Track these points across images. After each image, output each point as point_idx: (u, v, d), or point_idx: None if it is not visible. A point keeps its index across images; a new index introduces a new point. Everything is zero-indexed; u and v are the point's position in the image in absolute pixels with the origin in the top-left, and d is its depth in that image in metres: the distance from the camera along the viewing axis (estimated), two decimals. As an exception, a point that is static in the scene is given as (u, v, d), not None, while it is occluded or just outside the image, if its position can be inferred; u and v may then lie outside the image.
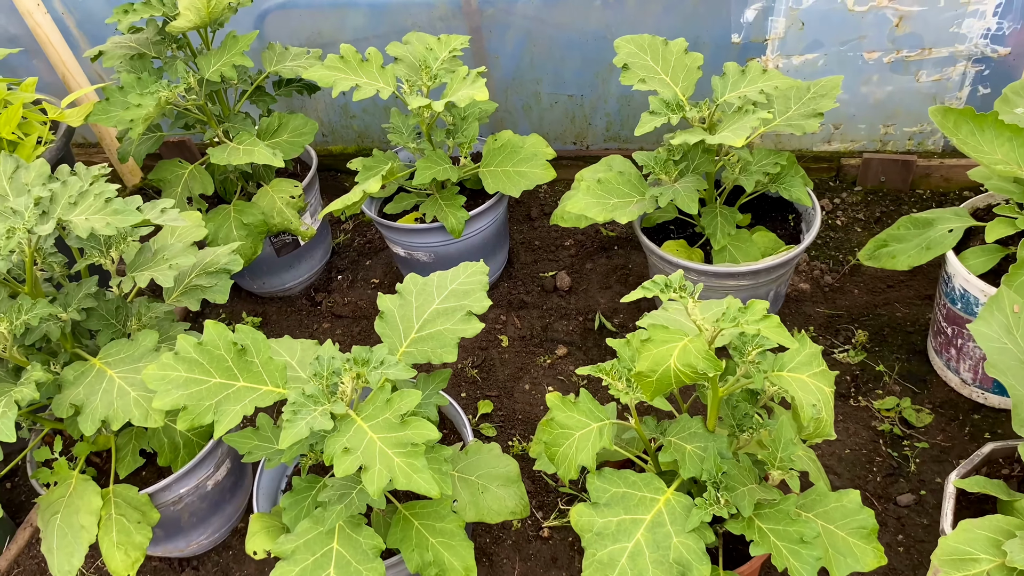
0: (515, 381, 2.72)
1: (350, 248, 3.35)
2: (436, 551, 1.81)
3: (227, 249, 2.15)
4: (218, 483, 2.24)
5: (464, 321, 1.89)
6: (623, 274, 3.01)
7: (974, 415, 2.39)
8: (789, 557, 1.52)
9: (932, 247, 2.29)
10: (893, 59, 2.82)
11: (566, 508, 2.36)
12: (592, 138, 3.33)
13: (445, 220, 2.63)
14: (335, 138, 3.59)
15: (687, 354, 1.40)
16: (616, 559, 1.55)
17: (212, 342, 1.76)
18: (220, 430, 1.70)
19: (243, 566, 2.36)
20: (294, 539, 1.76)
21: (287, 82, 2.99)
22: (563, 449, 1.67)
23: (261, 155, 2.55)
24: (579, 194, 2.37)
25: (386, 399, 1.66)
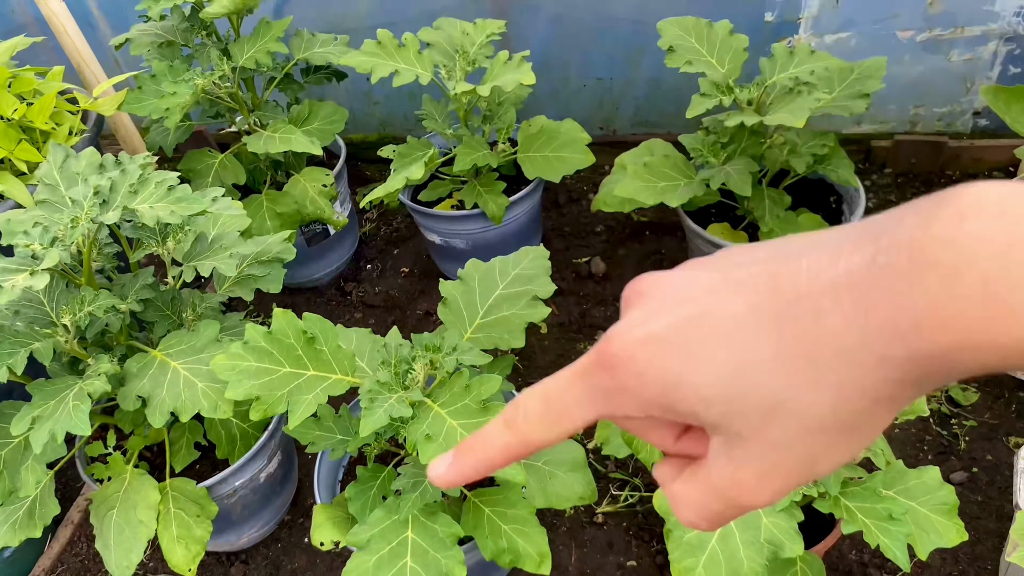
0: (556, 368, 2.68)
1: (377, 237, 3.32)
2: (509, 538, 1.79)
3: (279, 238, 2.12)
4: (270, 475, 2.21)
5: (530, 306, 1.87)
6: (657, 259, 3.00)
7: (1020, 392, 2.41)
8: (879, 534, 1.52)
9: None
10: (926, 38, 2.82)
11: (618, 493, 2.35)
12: (620, 123, 3.31)
13: (485, 206, 2.61)
14: (356, 126, 3.55)
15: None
16: (706, 540, 1.55)
17: (281, 331, 1.73)
18: (294, 420, 1.67)
19: (292, 558, 2.33)
20: (368, 528, 1.74)
21: (315, 69, 2.94)
22: (643, 432, 1.65)
23: (299, 143, 2.51)
24: (627, 178, 2.36)
25: (464, 385, 1.64)
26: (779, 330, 0.38)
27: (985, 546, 2.10)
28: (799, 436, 0.40)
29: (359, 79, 3.37)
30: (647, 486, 2.35)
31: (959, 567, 2.07)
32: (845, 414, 0.39)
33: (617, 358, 0.43)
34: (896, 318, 0.35)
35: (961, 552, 2.10)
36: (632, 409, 0.45)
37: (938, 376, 0.36)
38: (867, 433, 0.41)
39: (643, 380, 0.43)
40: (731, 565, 1.52)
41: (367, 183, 3.54)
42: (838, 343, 0.37)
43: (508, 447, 0.50)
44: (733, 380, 0.40)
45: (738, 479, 0.43)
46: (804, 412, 0.39)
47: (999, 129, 3.03)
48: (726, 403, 0.40)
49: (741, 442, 0.41)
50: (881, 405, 0.39)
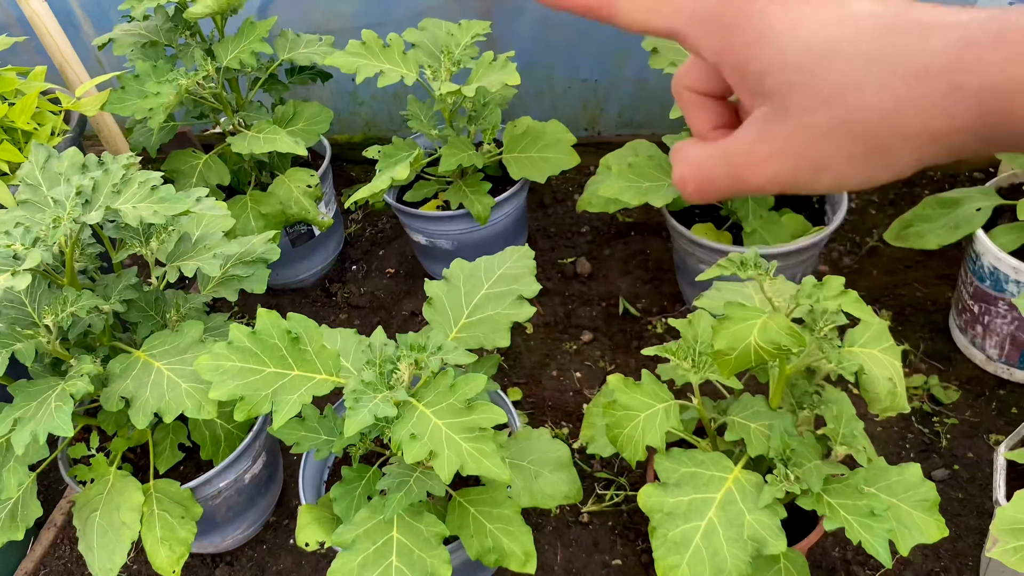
0: (542, 368, 2.71)
1: (362, 238, 3.31)
2: (495, 537, 1.80)
3: (263, 238, 2.11)
4: (255, 476, 2.21)
5: (516, 305, 1.88)
6: (642, 260, 3.01)
7: (1000, 391, 2.44)
8: (861, 531, 1.53)
9: (960, 226, 2.32)
10: (907, 42, 2.85)
11: (603, 493, 2.36)
12: (605, 124, 3.33)
13: (471, 207, 2.61)
14: (342, 127, 3.54)
15: (768, 331, 1.40)
16: (690, 538, 1.56)
17: (266, 331, 1.73)
18: (279, 420, 1.67)
19: (277, 560, 2.33)
20: (353, 528, 1.74)
21: (300, 70, 2.94)
22: (628, 431, 1.66)
23: (284, 144, 2.50)
24: (612, 179, 2.37)
25: (449, 384, 1.64)
26: (884, 35, 0.41)
27: (966, 542, 2.12)
28: (836, 130, 0.43)
29: (344, 80, 3.37)
30: (632, 485, 2.36)
31: (940, 563, 2.09)
32: (890, 129, 0.42)
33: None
34: (982, 61, 0.39)
35: (942, 548, 2.12)
36: (715, 47, 0.47)
37: (996, 127, 0.40)
38: (892, 165, 0.44)
39: (747, 22, 0.45)
40: (715, 562, 1.53)
41: (352, 184, 3.53)
42: (927, 61, 0.40)
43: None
44: (819, 58, 0.42)
45: (754, 149, 0.46)
46: (858, 108, 0.42)
47: (979, 130, 3.06)
48: (799, 73, 0.43)
49: (783, 115, 0.44)
50: (924, 139, 0.42)
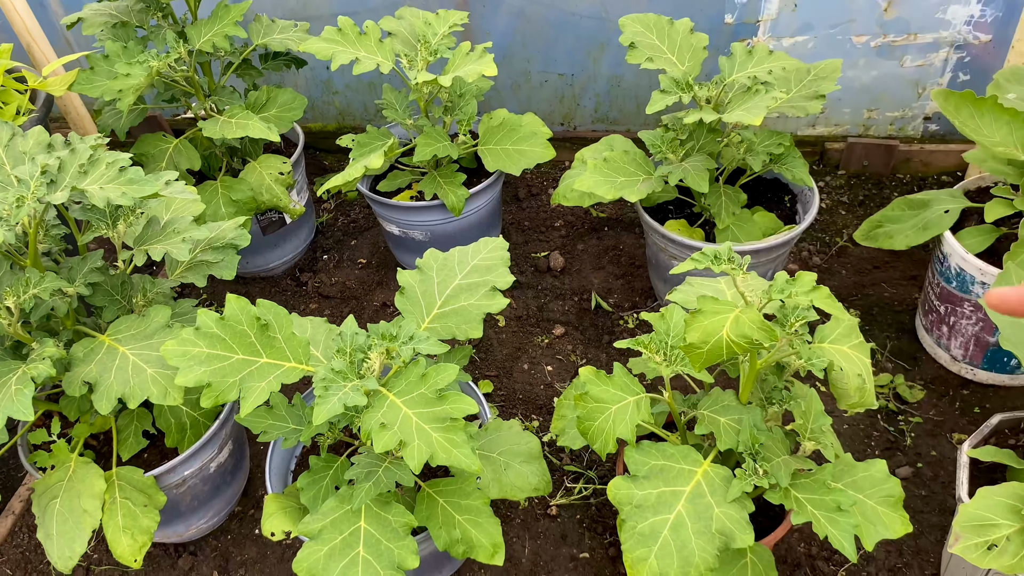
0: (513, 361, 2.70)
1: (334, 227, 3.28)
2: (463, 528, 1.79)
3: (233, 224, 2.08)
4: (220, 465, 2.18)
5: (489, 296, 1.87)
6: (615, 255, 3.02)
7: (963, 390, 2.47)
8: (827, 525, 1.54)
9: (929, 227, 2.35)
10: (880, 43, 2.88)
11: (572, 486, 2.36)
12: (580, 119, 3.33)
13: (445, 198, 2.60)
14: (315, 115, 3.51)
15: (740, 325, 1.41)
16: (658, 530, 1.56)
17: (234, 317, 1.70)
18: (246, 408, 1.65)
19: (242, 550, 2.30)
20: (320, 518, 1.72)
21: (274, 55, 2.90)
22: (599, 423, 1.66)
23: (256, 129, 2.47)
24: (586, 172, 2.36)
25: (420, 374, 1.63)
26: None
27: (928, 539, 2.15)
28: None
29: (319, 68, 3.33)
30: (601, 479, 2.36)
31: (903, 559, 2.12)
32: None
33: None
34: None
35: (905, 545, 2.14)
36: None
37: None
38: None
39: None
40: (683, 555, 1.53)
41: (325, 172, 3.50)
42: None
43: None
44: None
45: None
46: None
47: (948, 134, 3.11)
48: None
49: None
50: None
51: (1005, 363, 2.38)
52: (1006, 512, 1.67)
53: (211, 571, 2.26)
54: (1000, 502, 1.69)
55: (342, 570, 1.66)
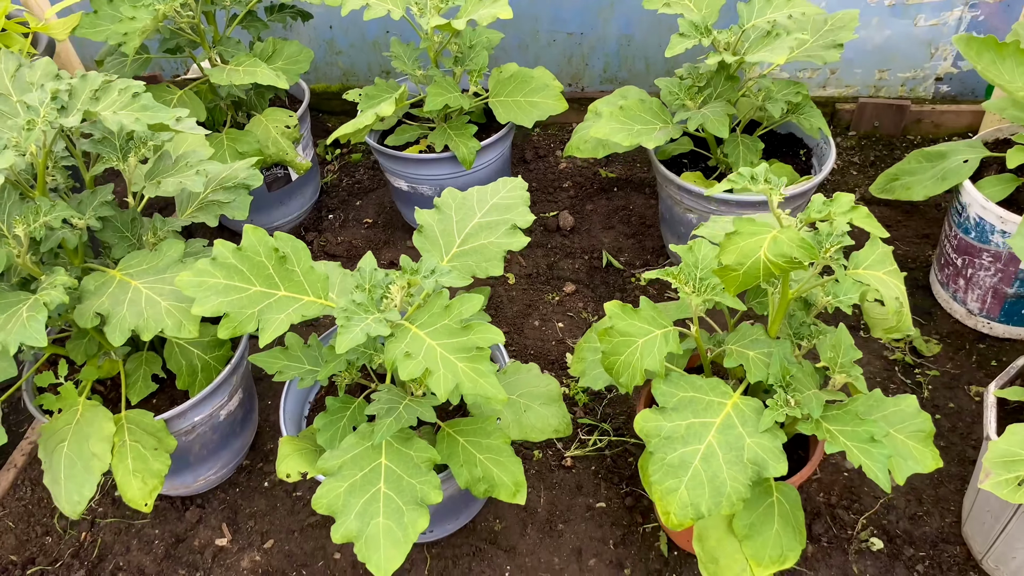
0: (524, 318, 2.67)
1: (339, 188, 3.23)
2: (484, 467, 1.75)
3: (245, 164, 2.03)
4: (230, 413, 2.13)
5: (509, 234, 1.83)
6: (625, 215, 2.98)
7: (980, 344, 2.45)
8: (861, 456, 1.51)
9: (948, 177, 2.33)
10: (895, 2, 2.86)
11: (586, 438, 2.32)
12: (589, 80, 3.29)
13: (457, 149, 2.55)
14: (319, 76, 3.45)
15: (779, 244, 1.38)
16: (688, 461, 1.53)
17: (252, 248, 1.66)
18: (266, 338, 1.60)
19: (251, 502, 2.25)
20: (339, 455, 1.68)
21: (280, 8, 2.85)
22: (625, 357, 1.63)
23: (264, 75, 2.42)
24: (602, 120, 2.33)
25: (444, 305, 1.59)
26: None
27: (948, 488, 2.13)
28: None
29: (322, 27, 3.28)
30: (616, 431, 2.33)
31: (923, 508, 2.10)
32: None
33: None
34: None
35: (924, 494, 2.12)
36: None
37: None
38: None
39: None
40: (714, 485, 1.50)
41: (329, 134, 3.45)
42: None
43: None
44: None
45: None
46: None
47: (960, 95, 3.09)
48: None
49: None
50: None
51: (1023, 316, 2.36)
52: (1037, 448, 1.65)
53: (219, 523, 2.21)
54: (1030, 438, 1.66)
55: (363, 506, 1.62)
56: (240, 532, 2.19)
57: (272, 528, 2.19)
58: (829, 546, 2.05)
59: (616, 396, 2.42)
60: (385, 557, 1.58)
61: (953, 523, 2.07)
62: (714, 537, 1.71)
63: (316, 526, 2.18)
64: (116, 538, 2.20)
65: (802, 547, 1.69)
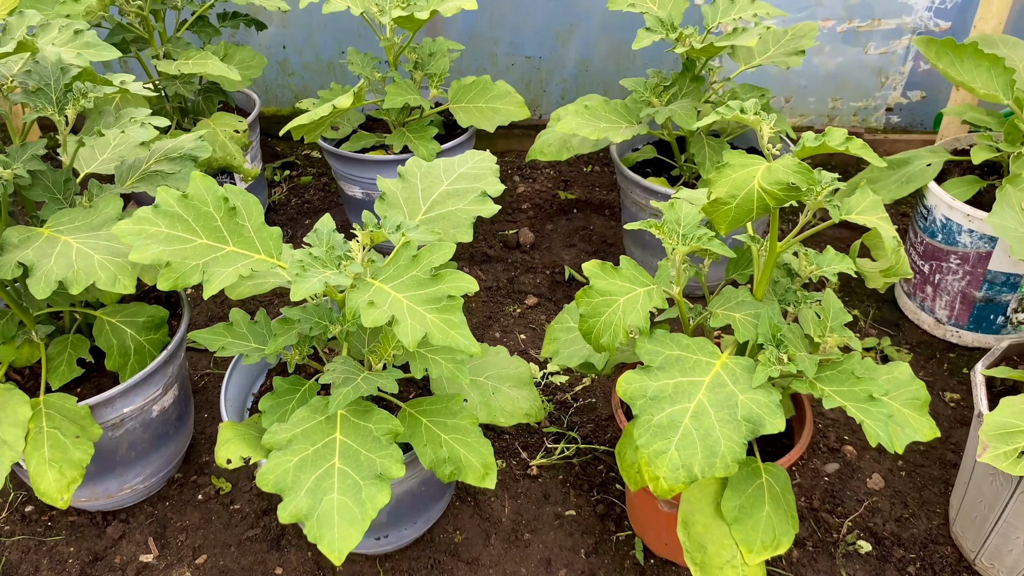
0: (485, 329, 2.53)
1: (287, 207, 3.10)
2: (451, 447, 1.59)
3: (193, 136, 1.90)
4: (164, 410, 1.93)
5: (479, 201, 1.72)
6: (585, 234, 2.91)
7: (950, 353, 2.41)
8: (860, 415, 1.41)
9: (913, 180, 2.32)
10: (845, 28, 2.92)
11: (553, 447, 2.17)
12: (546, 106, 3.27)
13: (416, 150, 2.47)
14: (270, 98, 3.36)
15: (774, 172, 1.30)
16: (678, 420, 1.40)
17: (199, 196, 1.52)
18: (211, 289, 1.44)
19: (183, 516, 2.02)
20: (289, 428, 1.51)
21: (233, 15, 2.77)
22: (605, 317, 1.51)
23: (216, 67, 2.32)
24: (569, 116, 2.28)
25: (412, 255, 1.46)
26: None
27: (932, 491, 2.03)
28: None
29: (275, 46, 3.21)
30: (584, 438, 2.18)
31: (909, 510, 1.99)
32: None
33: None
34: None
35: (909, 497, 2.02)
36: None
37: None
38: None
39: None
40: (706, 443, 1.37)
41: (278, 159, 3.33)
42: None
43: None
44: None
45: None
46: None
47: (910, 125, 3.15)
48: None
49: None
50: None
51: (991, 321, 2.33)
52: (1033, 419, 1.57)
53: (145, 538, 1.97)
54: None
55: (315, 482, 1.44)
56: (168, 548, 1.95)
57: (206, 543, 1.96)
58: (815, 550, 1.91)
59: (583, 405, 2.28)
60: (340, 536, 1.39)
61: (941, 524, 1.96)
62: (701, 522, 1.57)
63: (255, 540, 1.96)
64: (24, 557, 1.94)
65: (795, 531, 1.56)
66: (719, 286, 1.72)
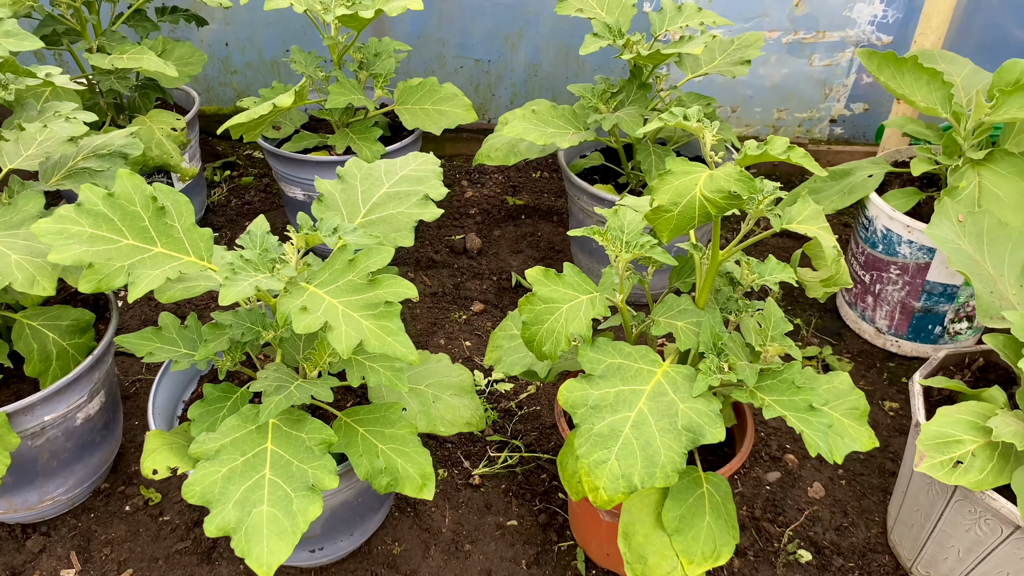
0: (429, 336, 2.49)
1: (227, 208, 3.02)
2: (388, 457, 1.54)
3: (124, 132, 1.83)
4: (89, 418, 1.84)
5: (421, 205, 1.68)
6: (533, 240, 2.89)
7: (889, 363, 2.44)
8: (800, 424, 1.40)
9: (854, 191, 2.35)
10: (791, 40, 2.96)
11: (496, 455, 2.14)
12: (495, 110, 3.24)
13: (359, 151, 2.42)
14: (211, 97, 3.27)
15: (716, 180, 1.29)
16: (618, 429, 1.38)
17: (126, 195, 1.45)
18: (136, 292, 1.38)
19: (109, 528, 1.94)
20: (218, 437, 1.45)
21: (172, 9, 2.69)
22: (548, 325, 1.48)
23: (151, 62, 2.24)
24: (515, 120, 2.25)
25: (348, 259, 1.42)
26: None
27: (871, 500, 2.05)
28: None
29: (217, 43, 3.13)
30: (527, 447, 2.15)
31: (849, 519, 2.00)
32: None
33: None
34: None
35: (849, 506, 2.03)
36: None
37: None
38: None
39: None
40: (647, 453, 1.35)
41: (219, 158, 3.25)
42: None
43: None
44: None
45: None
46: None
47: (852, 137, 3.19)
48: None
49: None
50: None
51: (930, 331, 2.36)
52: (968, 428, 1.59)
53: (67, 552, 1.89)
54: (962, 419, 1.60)
55: (244, 493, 1.39)
56: (92, 562, 1.87)
57: (132, 556, 1.88)
58: (756, 560, 1.91)
59: (528, 413, 2.25)
60: (268, 550, 1.34)
61: (879, 533, 1.97)
62: (641, 533, 1.55)
63: (185, 553, 1.89)
64: (-65, 573, 1.84)
65: (736, 541, 1.55)
66: (663, 294, 1.71)
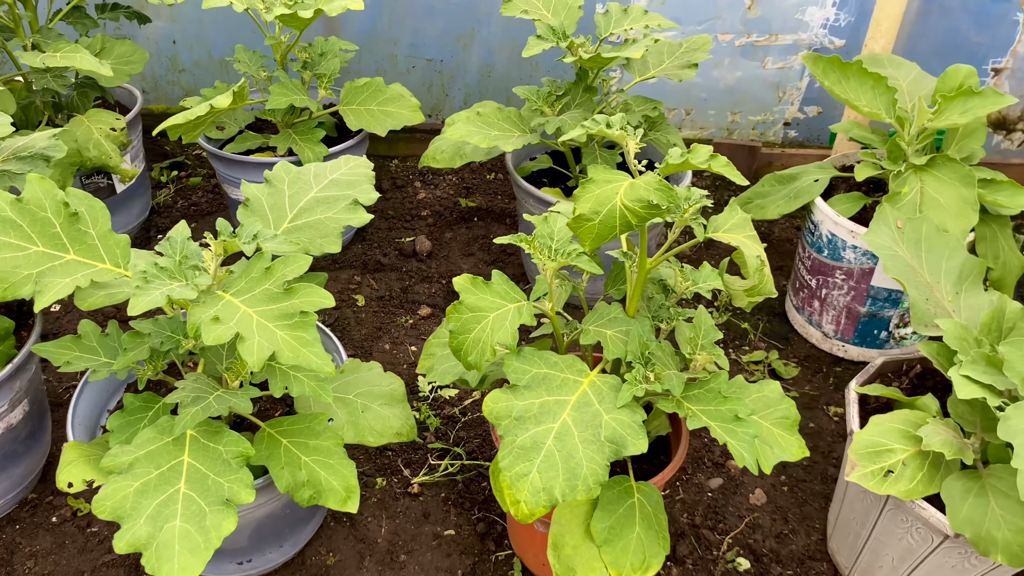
0: (374, 340, 2.45)
1: (172, 209, 2.96)
2: (311, 470, 1.51)
3: (46, 134, 1.78)
4: (11, 428, 1.79)
5: (350, 210, 1.65)
6: (485, 243, 2.86)
7: (836, 367, 2.43)
8: (725, 435, 1.39)
9: (800, 196, 2.34)
10: (744, 43, 2.95)
11: (437, 463, 2.11)
12: (448, 111, 3.20)
13: (301, 153, 2.37)
14: (158, 96, 3.21)
15: (636, 189, 1.27)
16: (541, 441, 1.35)
17: (36, 200, 1.41)
18: (42, 302, 1.34)
19: (34, 540, 1.89)
20: (132, 450, 1.41)
21: (113, 6, 2.63)
22: (475, 334, 1.45)
23: (85, 61, 2.18)
24: (459, 123, 2.22)
25: (264, 268, 1.38)
26: None
27: (812, 507, 2.04)
28: None
29: (164, 41, 3.07)
30: (469, 454, 2.12)
31: (789, 526, 1.99)
32: None
33: None
34: None
35: (790, 512, 2.02)
36: None
37: None
38: None
39: None
40: (568, 466, 1.33)
41: (166, 158, 3.19)
42: None
43: None
44: None
45: None
46: None
47: (807, 140, 3.19)
48: None
49: None
50: None
51: (875, 336, 2.36)
52: (900, 437, 1.58)
53: (-11, 565, 1.84)
54: (893, 428, 1.60)
55: (156, 508, 1.35)
56: (14, 575, 1.82)
57: (56, 569, 1.83)
58: (695, 568, 1.89)
59: (472, 419, 2.23)
60: (180, 567, 1.30)
61: (819, 540, 1.97)
62: (570, 544, 1.53)
63: (112, 565, 1.84)
64: None
65: (666, 552, 1.53)
66: (597, 302, 1.69)
